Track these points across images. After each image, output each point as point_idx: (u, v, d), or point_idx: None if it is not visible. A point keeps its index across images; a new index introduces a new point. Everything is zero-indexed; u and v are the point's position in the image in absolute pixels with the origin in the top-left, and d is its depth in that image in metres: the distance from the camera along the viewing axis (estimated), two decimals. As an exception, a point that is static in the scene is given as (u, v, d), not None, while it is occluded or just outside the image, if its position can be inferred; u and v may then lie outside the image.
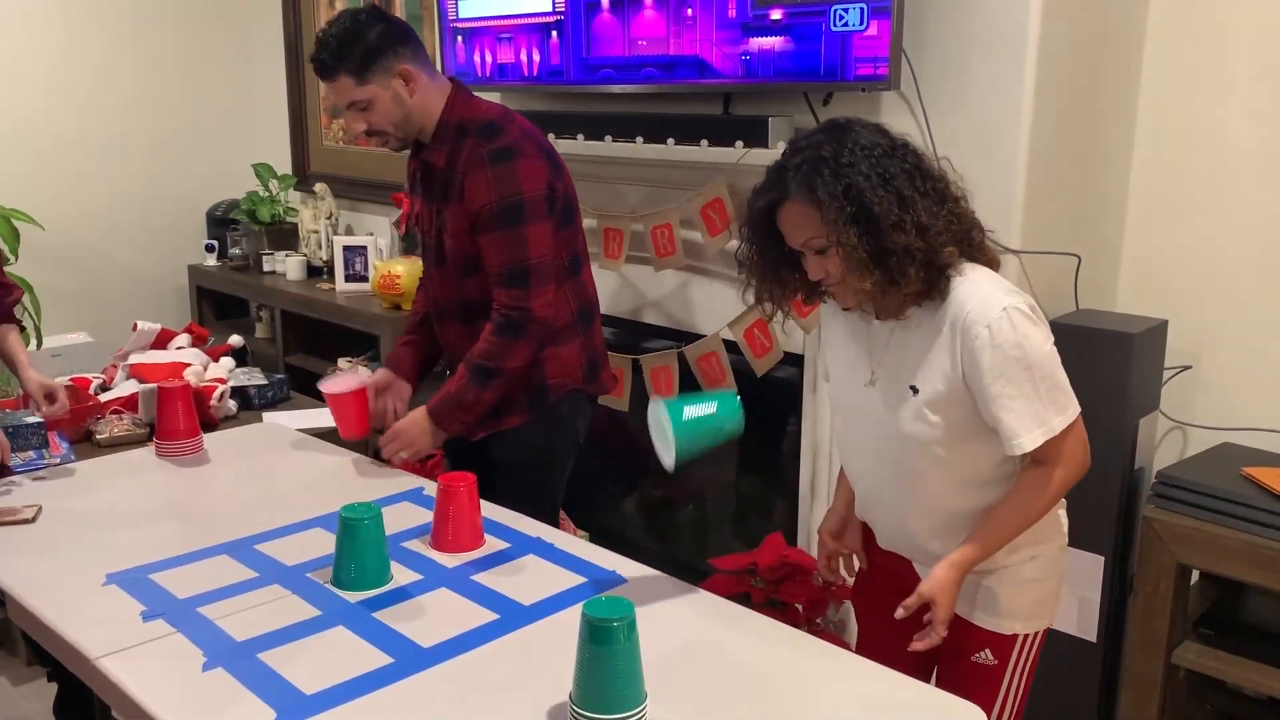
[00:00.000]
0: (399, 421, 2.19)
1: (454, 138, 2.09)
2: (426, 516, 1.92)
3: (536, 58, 3.04)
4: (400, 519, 1.94)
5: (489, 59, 3.20)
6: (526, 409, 2.17)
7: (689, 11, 2.64)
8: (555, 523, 2.16)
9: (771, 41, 2.50)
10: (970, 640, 1.66)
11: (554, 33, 2.97)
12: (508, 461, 2.21)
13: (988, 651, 1.65)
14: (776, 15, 2.49)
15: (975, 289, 1.51)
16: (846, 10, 2.35)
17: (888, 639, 1.83)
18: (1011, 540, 1.60)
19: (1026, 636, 1.65)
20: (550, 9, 2.96)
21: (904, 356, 1.58)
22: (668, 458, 1.58)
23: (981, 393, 1.52)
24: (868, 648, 1.86)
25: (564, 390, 2.19)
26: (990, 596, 1.63)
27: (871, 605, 1.86)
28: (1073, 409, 1.54)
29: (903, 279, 1.48)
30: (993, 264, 1.61)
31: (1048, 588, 1.66)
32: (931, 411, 1.55)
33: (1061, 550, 1.68)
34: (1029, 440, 1.51)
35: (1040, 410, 1.51)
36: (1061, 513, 1.69)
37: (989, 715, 1.66)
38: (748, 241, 1.60)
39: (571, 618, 1.50)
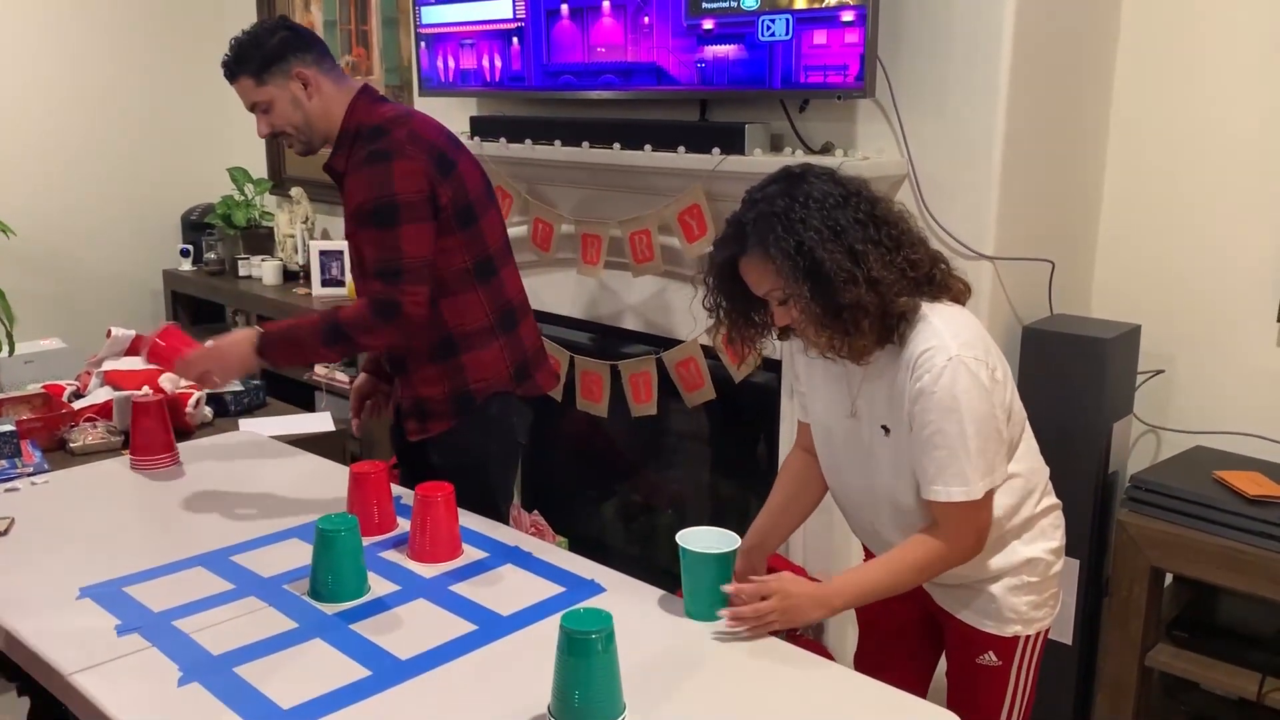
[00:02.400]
0: (219, 338, 2.10)
1: (350, 143, 2.12)
2: (404, 526, 1.91)
3: (498, 63, 3.07)
4: (378, 529, 1.93)
5: (452, 64, 3.22)
6: (453, 414, 2.16)
7: (646, 20, 2.67)
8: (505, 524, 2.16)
9: (726, 49, 2.53)
10: (974, 643, 1.69)
11: (515, 39, 3.00)
12: (445, 466, 2.19)
13: (991, 654, 1.68)
14: (708, 25, 2.55)
15: (931, 335, 1.52)
16: (773, 21, 2.40)
17: (889, 646, 1.86)
18: (872, 599, 1.61)
19: (1028, 638, 1.68)
20: (511, 16, 2.99)
21: (875, 398, 1.61)
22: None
23: (914, 436, 1.54)
24: (868, 654, 1.89)
25: (488, 393, 2.18)
26: (989, 601, 1.66)
27: (876, 614, 1.88)
28: (980, 488, 1.52)
29: (856, 331, 1.50)
30: (959, 297, 1.61)
31: (1045, 590, 1.68)
32: (903, 449, 1.58)
33: (1056, 554, 1.70)
34: (943, 490, 1.52)
35: (964, 469, 1.51)
36: (1056, 515, 1.71)
37: (999, 714, 1.70)
38: (714, 291, 1.62)
39: (550, 628, 1.50)
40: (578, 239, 2.96)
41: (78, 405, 2.62)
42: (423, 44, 3.30)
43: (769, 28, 2.42)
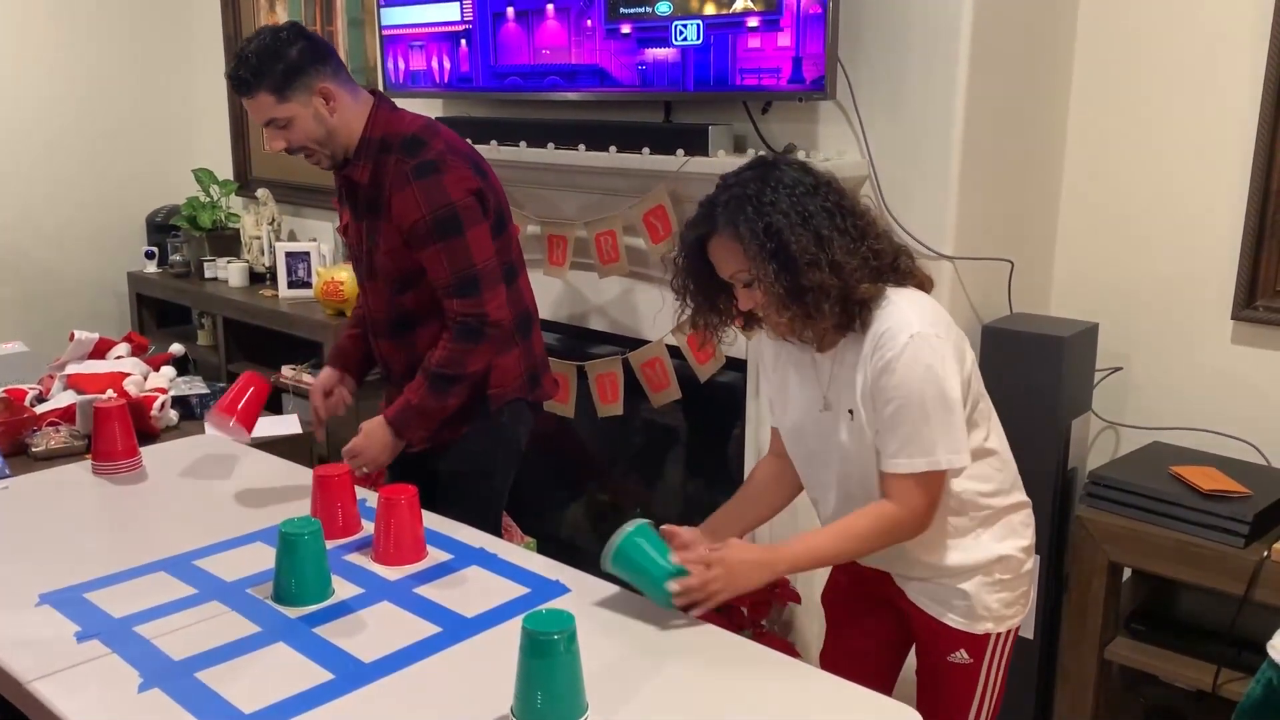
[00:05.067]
0: (357, 439, 2.15)
1: (376, 153, 2.08)
2: (368, 529, 1.92)
3: (447, 65, 3.11)
4: (342, 532, 1.92)
5: (402, 65, 3.26)
6: (467, 419, 2.17)
7: (588, 23, 2.72)
8: (498, 532, 2.16)
9: (665, 53, 2.58)
10: (946, 641, 1.71)
11: (463, 41, 3.04)
12: (450, 472, 2.21)
13: (963, 651, 1.70)
14: (626, 30, 2.63)
15: (894, 313, 1.56)
16: (685, 26, 2.49)
17: (856, 643, 1.88)
18: (818, 566, 1.64)
19: (999, 635, 1.71)
20: (460, 18, 3.03)
21: (842, 383, 1.63)
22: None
23: (877, 412, 1.57)
24: (835, 653, 1.91)
25: (504, 399, 2.20)
26: (962, 598, 1.68)
27: (844, 610, 1.91)
28: (945, 460, 1.55)
29: (818, 314, 1.54)
30: (924, 286, 1.65)
31: (1017, 588, 1.71)
32: (870, 431, 1.60)
33: (1027, 552, 1.72)
34: (906, 463, 1.55)
35: (926, 441, 1.54)
36: (1026, 514, 1.74)
37: (969, 711, 1.73)
38: (683, 271, 1.65)
39: (515, 629, 1.50)
40: (543, 240, 2.96)
41: (40, 409, 2.60)
42: (385, 45, 3.32)
43: (681, 32, 2.51)
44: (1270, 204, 2.31)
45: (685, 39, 2.52)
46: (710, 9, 2.47)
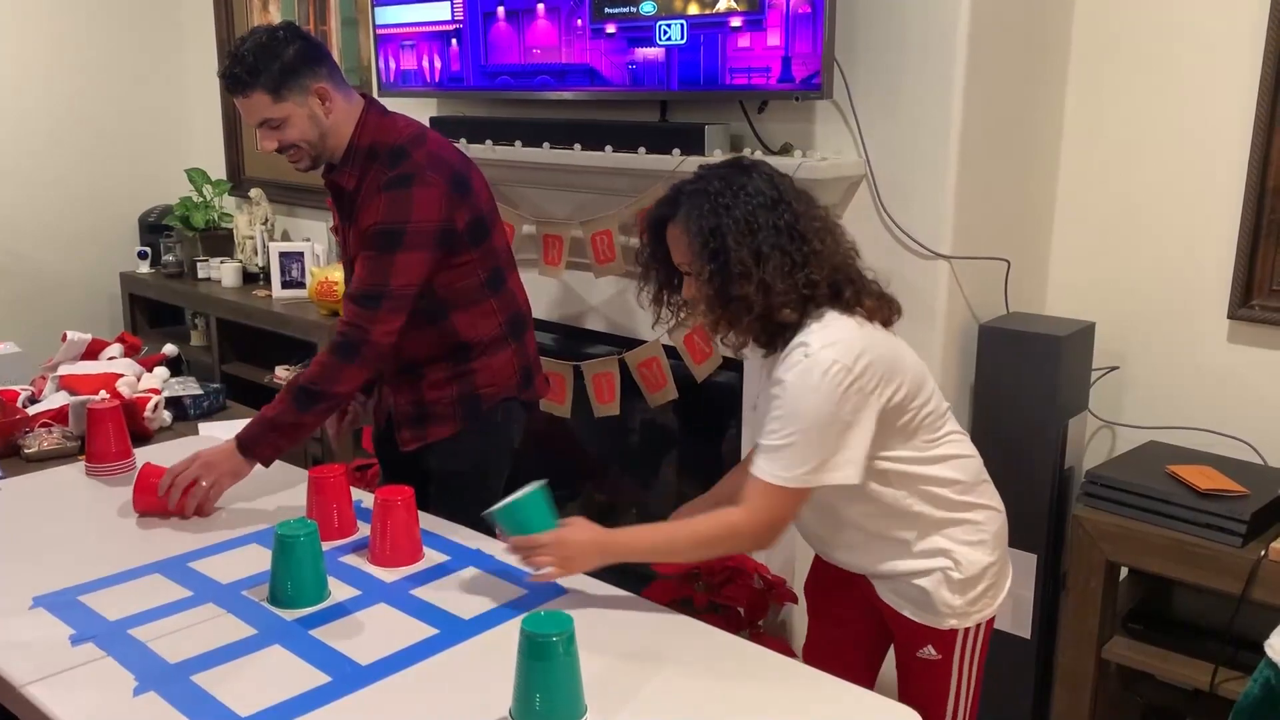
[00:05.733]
0: (206, 449, 2.05)
1: (364, 160, 2.06)
2: (364, 530, 1.91)
3: (438, 64, 3.12)
4: (338, 533, 1.91)
5: (394, 65, 3.27)
6: (460, 419, 2.16)
7: (579, 22, 2.72)
8: (493, 532, 2.16)
9: (653, 52, 2.59)
10: (914, 637, 1.72)
11: (454, 40, 3.04)
12: (443, 472, 2.20)
13: (930, 647, 1.71)
14: (611, 30, 2.64)
15: (804, 336, 1.57)
16: (670, 26, 2.51)
17: (835, 634, 1.89)
18: (654, 560, 1.69)
19: (967, 630, 1.70)
20: (450, 18, 3.03)
21: (768, 398, 1.65)
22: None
23: (761, 420, 1.60)
24: (816, 643, 1.92)
25: (497, 399, 2.19)
26: (922, 595, 1.68)
27: (823, 603, 1.92)
28: (798, 479, 1.55)
29: (737, 325, 1.58)
30: (873, 315, 1.61)
31: (977, 585, 1.69)
32: None
33: (986, 551, 1.69)
34: (766, 470, 1.56)
35: (788, 456, 1.54)
36: (988, 515, 1.71)
37: (945, 707, 1.73)
38: (644, 247, 1.71)
39: (512, 631, 1.50)
40: (539, 240, 2.96)
41: (33, 410, 2.58)
42: (378, 45, 3.32)
43: (665, 32, 2.53)
44: (1266, 203, 2.31)
45: (670, 39, 2.52)
46: (694, 9, 2.47)
